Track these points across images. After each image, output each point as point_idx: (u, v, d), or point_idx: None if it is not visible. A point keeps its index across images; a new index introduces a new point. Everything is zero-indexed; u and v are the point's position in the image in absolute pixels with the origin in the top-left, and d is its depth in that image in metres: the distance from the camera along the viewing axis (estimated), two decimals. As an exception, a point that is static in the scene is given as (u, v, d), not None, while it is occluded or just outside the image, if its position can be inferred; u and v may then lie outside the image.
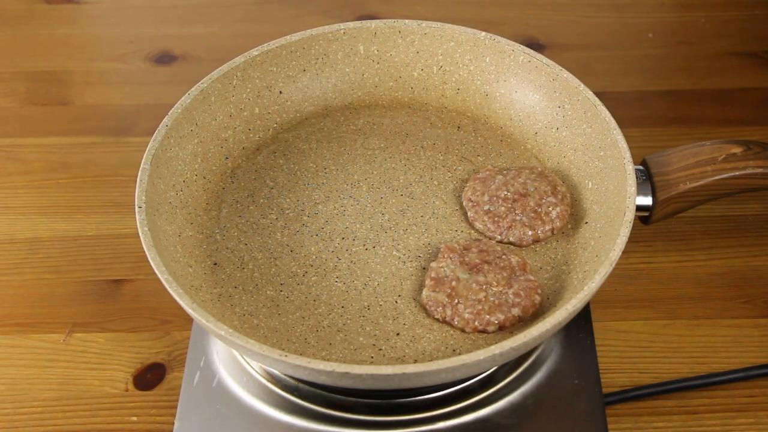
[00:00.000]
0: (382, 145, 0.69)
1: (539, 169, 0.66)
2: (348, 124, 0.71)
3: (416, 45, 0.70)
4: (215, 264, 0.61)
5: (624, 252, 0.55)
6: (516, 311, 0.57)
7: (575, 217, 0.63)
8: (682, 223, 0.73)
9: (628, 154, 0.60)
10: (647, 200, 0.64)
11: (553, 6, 0.98)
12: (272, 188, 0.66)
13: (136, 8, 0.99)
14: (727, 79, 0.88)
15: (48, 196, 0.78)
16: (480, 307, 0.57)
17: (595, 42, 0.94)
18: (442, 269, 0.59)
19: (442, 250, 0.60)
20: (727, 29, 0.94)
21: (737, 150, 0.64)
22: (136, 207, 0.57)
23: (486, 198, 0.63)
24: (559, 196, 0.63)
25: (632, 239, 0.56)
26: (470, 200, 0.64)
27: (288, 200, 0.66)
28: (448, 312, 0.57)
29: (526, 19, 0.96)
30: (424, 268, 0.61)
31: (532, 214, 0.62)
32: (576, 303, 0.52)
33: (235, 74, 0.67)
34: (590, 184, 0.64)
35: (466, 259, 0.59)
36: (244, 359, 0.60)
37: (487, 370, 0.58)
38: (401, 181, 0.66)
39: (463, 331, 0.57)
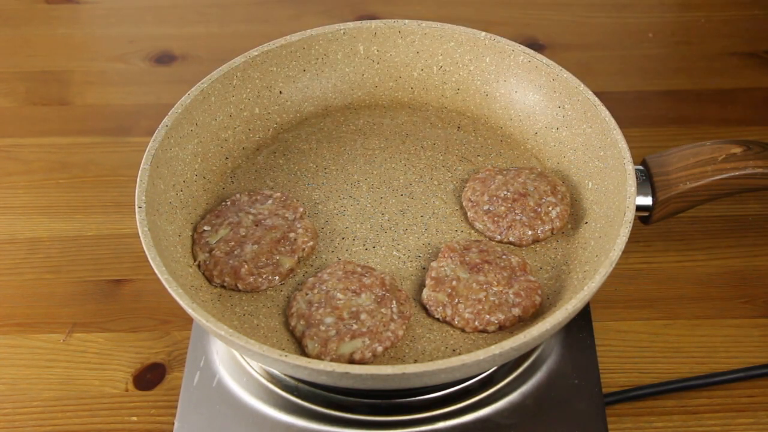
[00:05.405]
0: (382, 145, 0.69)
1: (539, 169, 0.66)
2: (348, 124, 0.71)
3: (416, 45, 0.70)
4: (215, 264, 0.61)
5: (624, 252, 0.55)
6: (516, 311, 0.57)
7: (575, 217, 0.63)
8: (682, 223, 0.73)
9: (628, 154, 0.60)
10: (647, 200, 0.64)
11: (553, 6, 0.98)
12: (272, 188, 0.66)
13: (136, 8, 0.99)
14: (727, 79, 0.88)
15: (48, 196, 0.78)
16: (480, 307, 0.57)
17: (595, 42, 0.94)
18: (443, 269, 0.59)
19: (442, 250, 0.60)
20: (727, 29, 0.94)
21: (737, 150, 0.64)
22: (136, 207, 0.57)
23: (486, 198, 0.63)
24: (559, 196, 0.63)
25: (632, 239, 0.56)
26: (470, 200, 0.64)
27: (288, 200, 0.66)
28: (449, 312, 0.57)
29: (526, 19, 0.96)
30: (424, 268, 0.61)
31: (532, 214, 0.62)
32: (576, 303, 0.52)
33: (235, 74, 0.67)
34: (590, 184, 0.64)
35: (467, 259, 0.59)
36: (244, 359, 0.60)
37: (487, 370, 0.58)
38: (401, 181, 0.66)
39: (463, 330, 0.57)
